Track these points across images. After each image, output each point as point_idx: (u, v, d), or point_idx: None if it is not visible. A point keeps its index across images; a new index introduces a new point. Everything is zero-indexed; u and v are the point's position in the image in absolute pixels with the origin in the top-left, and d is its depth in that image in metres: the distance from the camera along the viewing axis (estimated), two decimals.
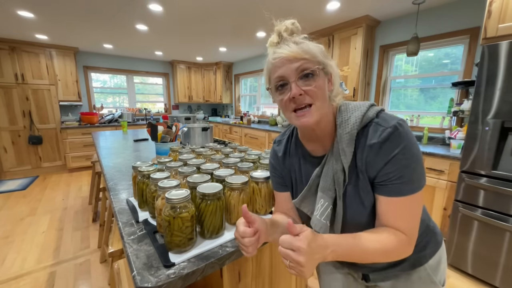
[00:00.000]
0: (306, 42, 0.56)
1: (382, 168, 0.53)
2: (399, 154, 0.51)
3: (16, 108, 3.85)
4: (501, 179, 1.57)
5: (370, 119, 0.55)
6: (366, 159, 0.54)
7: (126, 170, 1.42)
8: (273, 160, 0.76)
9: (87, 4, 2.47)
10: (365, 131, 0.55)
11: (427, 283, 0.66)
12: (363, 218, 0.58)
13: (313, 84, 0.54)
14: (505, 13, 1.56)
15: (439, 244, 0.68)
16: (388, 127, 0.52)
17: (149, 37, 3.61)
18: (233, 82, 5.77)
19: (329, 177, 0.60)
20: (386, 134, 0.52)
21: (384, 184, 0.53)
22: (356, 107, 0.58)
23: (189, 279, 0.59)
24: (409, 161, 0.51)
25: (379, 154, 0.52)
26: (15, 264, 1.88)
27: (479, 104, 1.63)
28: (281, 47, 0.55)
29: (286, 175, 0.73)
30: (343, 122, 0.57)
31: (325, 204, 0.60)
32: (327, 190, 0.60)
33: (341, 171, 0.57)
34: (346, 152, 0.56)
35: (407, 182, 0.52)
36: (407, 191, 0.52)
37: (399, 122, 0.52)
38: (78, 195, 3.29)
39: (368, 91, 3.07)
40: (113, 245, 1.15)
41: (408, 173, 0.51)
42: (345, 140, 0.56)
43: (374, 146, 0.53)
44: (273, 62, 0.56)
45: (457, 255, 1.80)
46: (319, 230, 0.61)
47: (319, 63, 0.55)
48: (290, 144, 0.73)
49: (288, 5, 2.45)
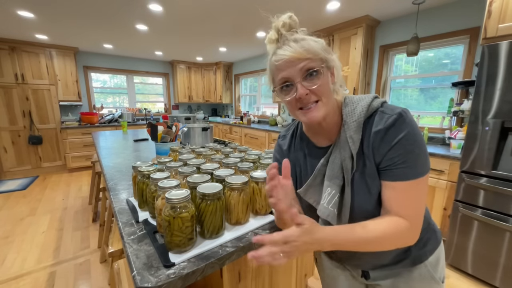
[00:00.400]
0: (306, 38, 0.56)
1: (387, 152, 0.54)
2: (403, 140, 0.52)
3: (16, 108, 3.85)
4: (501, 179, 1.57)
5: (375, 108, 0.57)
6: (372, 144, 0.55)
7: (126, 170, 1.42)
8: (278, 153, 0.77)
9: (87, 4, 2.47)
10: (371, 120, 0.57)
11: (428, 280, 0.67)
12: (370, 206, 0.59)
13: (318, 82, 0.55)
14: (505, 13, 1.56)
15: (438, 241, 0.69)
16: (393, 114, 0.54)
17: (149, 37, 3.61)
18: (233, 82, 5.77)
19: (336, 165, 0.60)
20: (392, 120, 0.53)
21: (389, 168, 0.54)
22: (361, 98, 0.60)
23: (189, 279, 0.59)
24: (413, 146, 0.52)
25: (384, 139, 0.54)
26: (15, 264, 1.89)
27: (479, 104, 1.63)
28: (283, 48, 0.55)
29: (290, 169, 0.74)
30: (350, 112, 0.59)
31: (332, 192, 0.61)
32: (334, 178, 0.61)
33: (349, 158, 0.58)
34: (354, 139, 0.57)
35: (411, 167, 0.52)
36: (411, 175, 0.53)
37: (404, 110, 0.54)
38: (78, 195, 3.29)
39: (368, 91, 3.07)
40: (113, 245, 1.15)
41: (412, 158, 0.52)
42: (352, 127, 0.57)
43: (380, 131, 0.54)
44: (276, 64, 0.56)
45: (457, 255, 1.80)
46: (326, 217, 0.61)
47: (321, 61, 0.55)
48: (295, 138, 0.74)
49: (288, 5, 2.45)
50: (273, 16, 0.60)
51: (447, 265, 1.88)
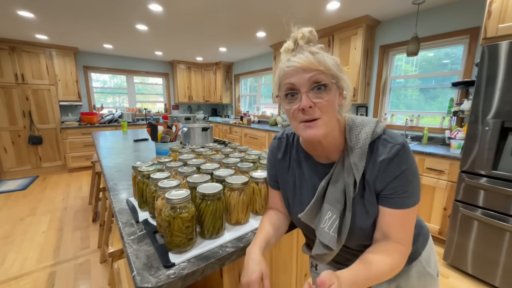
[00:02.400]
0: (321, 53, 0.55)
1: (390, 182, 0.56)
2: (406, 171, 0.55)
3: (16, 108, 3.85)
4: (501, 179, 1.57)
5: (378, 135, 0.59)
6: (375, 173, 0.57)
7: (126, 170, 1.42)
8: (272, 157, 0.78)
9: (87, 4, 2.47)
10: (374, 146, 0.58)
11: (425, 276, 0.69)
12: (366, 226, 0.61)
13: (325, 97, 0.53)
14: (505, 13, 1.56)
15: (427, 235, 0.72)
16: (396, 144, 0.56)
17: (149, 37, 3.61)
18: (233, 82, 5.77)
19: (338, 190, 0.61)
20: (395, 151, 0.55)
21: (390, 197, 0.57)
22: (364, 122, 0.60)
23: (189, 280, 0.59)
24: (413, 176, 0.56)
25: (387, 169, 0.56)
26: (15, 264, 1.89)
27: (479, 104, 1.63)
28: (296, 56, 0.54)
29: (281, 177, 0.75)
30: (354, 137, 0.59)
31: (333, 216, 0.61)
32: (336, 202, 0.61)
33: (352, 185, 0.59)
34: (358, 166, 0.57)
35: (410, 196, 0.56)
36: (411, 204, 0.56)
37: (405, 140, 0.57)
38: (78, 195, 3.29)
39: (368, 91, 3.07)
40: (113, 245, 1.15)
41: (412, 188, 0.56)
42: (357, 154, 0.58)
43: (384, 161, 0.56)
44: (287, 70, 0.55)
45: (457, 255, 1.80)
46: (328, 243, 0.62)
47: (332, 77, 0.54)
48: (290, 147, 0.73)
49: (288, 5, 2.45)
50: (294, 26, 0.59)
51: (447, 265, 1.88)
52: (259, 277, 0.58)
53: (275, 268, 0.95)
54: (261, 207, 0.88)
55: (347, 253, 0.69)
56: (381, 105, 3.04)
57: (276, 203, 0.79)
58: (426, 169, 2.11)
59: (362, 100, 3.02)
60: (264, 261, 0.62)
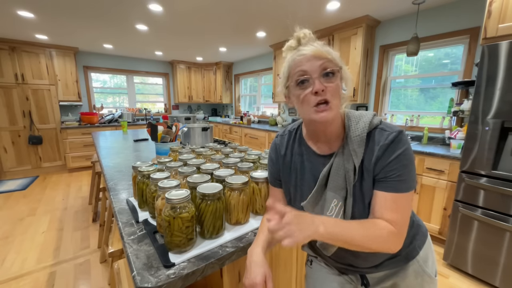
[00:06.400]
0: (326, 45, 0.61)
1: (385, 165, 0.58)
2: (401, 155, 0.57)
3: (16, 108, 3.85)
4: (501, 179, 1.57)
5: (375, 125, 0.62)
6: (374, 160, 0.59)
7: (126, 170, 1.42)
8: (273, 154, 0.78)
9: (87, 4, 2.47)
10: (371, 135, 0.61)
11: (422, 275, 0.70)
12: (364, 213, 0.63)
13: (334, 82, 0.58)
14: (505, 13, 1.55)
15: (425, 235, 0.72)
16: (393, 131, 0.59)
17: (149, 37, 3.61)
18: (233, 82, 5.77)
19: (340, 176, 0.63)
20: (392, 137, 0.58)
21: (384, 180, 0.59)
22: (362, 114, 0.64)
23: (189, 279, 0.59)
24: (408, 162, 0.58)
25: (385, 153, 0.59)
26: (15, 264, 1.88)
27: (479, 104, 1.63)
28: (307, 45, 0.60)
29: (284, 172, 0.75)
30: (352, 126, 0.63)
31: (339, 204, 0.63)
32: (339, 189, 0.63)
33: (352, 171, 0.61)
34: (357, 153, 0.60)
35: (403, 181, 0.58)
36: (402, 188, 0.58)
37: (401, 129, 0.60)
38: (78, 195, 3.29)
39: (368, 91, 3.07)
40: (113, 245, 1.15)
41: (406, 173, 0.58)
42: (356, 141, 0.61)
43: (382, 147, 0.59)
44: (298, 59, 0.59)
45: (457, 255, 1.80)
46: None
47: (337, 66, 0.60)
48: (293, 141, 0.74)
49: (288, 5, 2.45)
50: (297, 26, 0.65)
51: (447, 265, 1.88)
52: (262, 279, 0.60)
53: (275, 267, 0.95)
54: (261, 207, 0.88)
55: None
56: (381, 105, 3.04)
57: (278, 202, 0.79)
58: (426, 169, 2.11)
59: (362, 100, 3.02)
60: (267, 263, 0.63)
